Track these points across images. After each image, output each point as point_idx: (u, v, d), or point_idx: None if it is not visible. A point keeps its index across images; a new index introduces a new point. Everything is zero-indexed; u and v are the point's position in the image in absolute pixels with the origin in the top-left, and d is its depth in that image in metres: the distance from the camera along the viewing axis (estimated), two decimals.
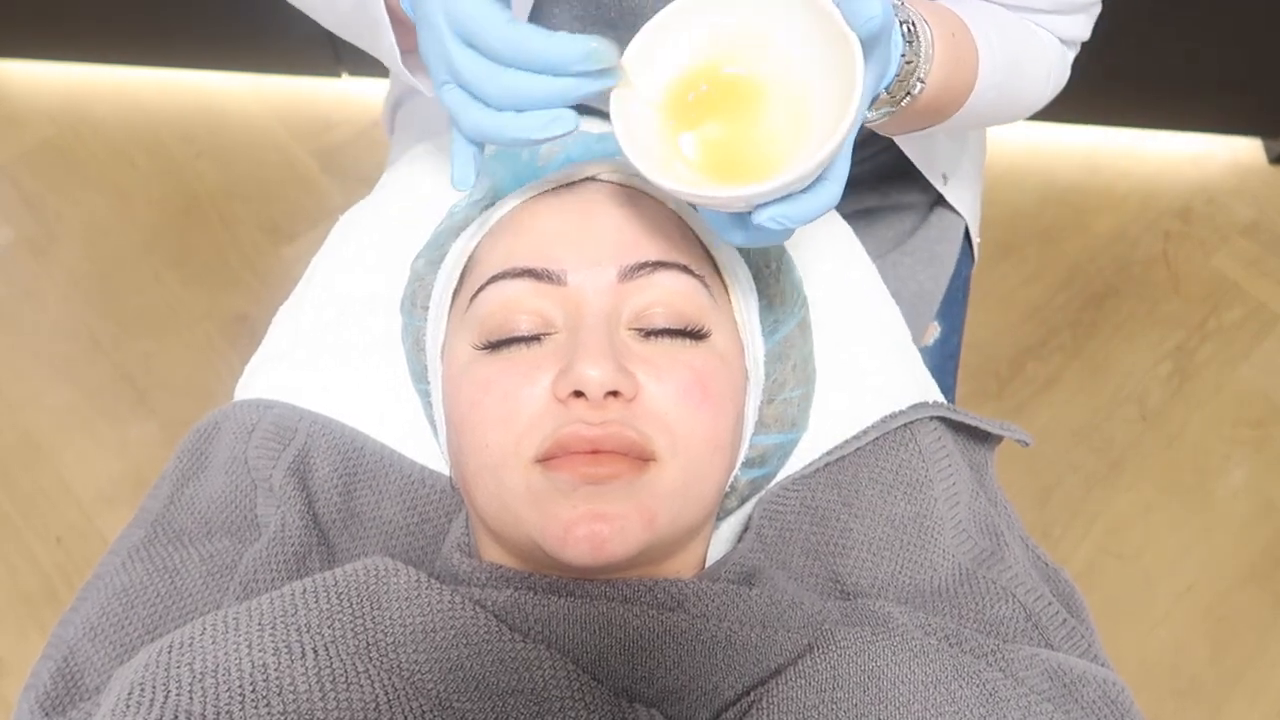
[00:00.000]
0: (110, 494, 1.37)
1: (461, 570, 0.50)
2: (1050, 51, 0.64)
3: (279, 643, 0.41)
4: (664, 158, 0.42)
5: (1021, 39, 0.62)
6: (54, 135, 1.66)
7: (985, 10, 0.61)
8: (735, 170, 0.42)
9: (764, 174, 0.40)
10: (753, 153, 0.42)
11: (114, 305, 1.51)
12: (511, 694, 0.42)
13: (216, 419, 0.61)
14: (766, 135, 0.42)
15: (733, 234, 0.45)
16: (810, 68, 0.42)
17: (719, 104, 0.43)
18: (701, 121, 0.43)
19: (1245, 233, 1.61)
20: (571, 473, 0.45)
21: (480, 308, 0.50)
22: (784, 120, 0.42)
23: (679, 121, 0.43)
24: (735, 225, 0.44)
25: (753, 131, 0.43)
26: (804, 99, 0.42)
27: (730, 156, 0.42)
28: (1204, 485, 1.42)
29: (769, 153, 0.42)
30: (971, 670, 0.45)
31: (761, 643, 0.46)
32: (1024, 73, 0.62)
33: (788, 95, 0.42)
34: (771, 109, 0.43)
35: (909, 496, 0.57)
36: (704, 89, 0.43)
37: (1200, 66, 1.46)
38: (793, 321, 0.59)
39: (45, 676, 0.51)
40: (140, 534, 0.57)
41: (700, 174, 0.42)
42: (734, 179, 0.42)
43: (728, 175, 0.42)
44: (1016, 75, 0.61)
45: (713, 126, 0.43)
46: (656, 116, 0.43)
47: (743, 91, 0.43)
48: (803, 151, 0.41)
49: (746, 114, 0.43)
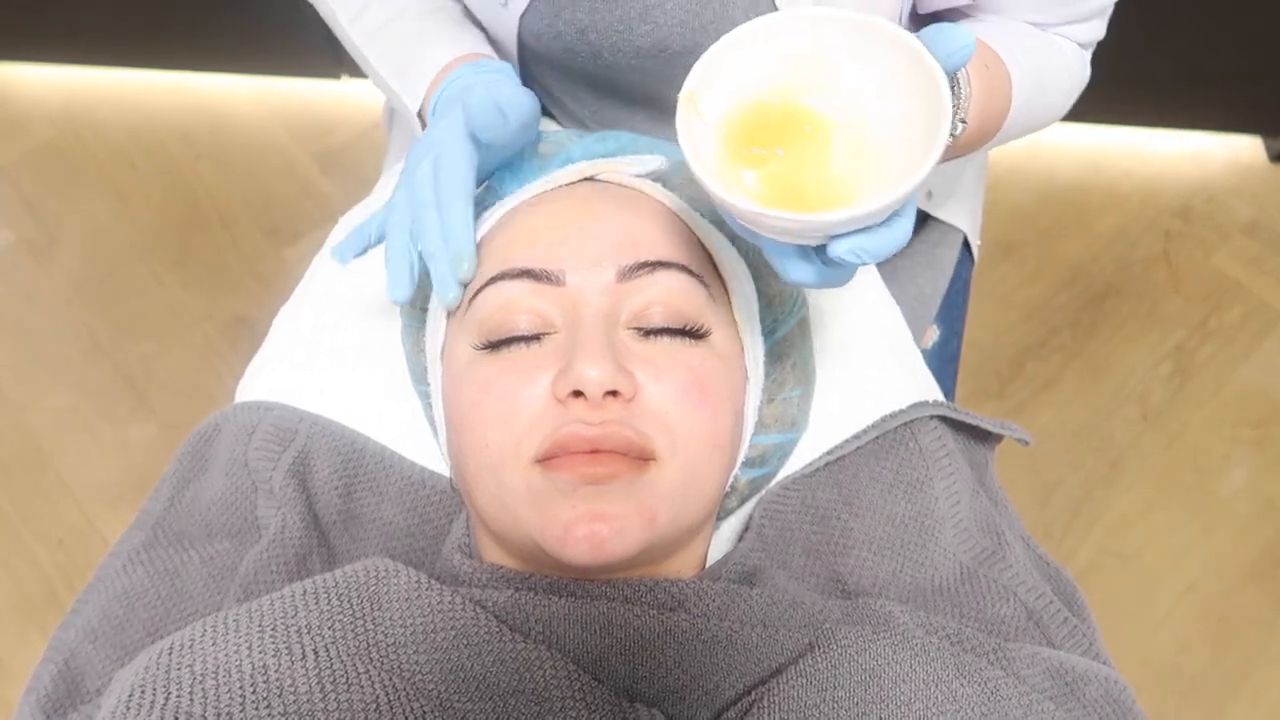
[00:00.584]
0: (111, 496, 1.37)
1: (462, 571, 0.50)
2: (1071, 59, 0.65)
3: (279, 644, 0.41)
4: (725, 184, 0.40)
5: (1044, 51, 0.62)
6: (54, 137, 1.66)
7: (1008, 27, 0.62)
8: (797, 201, 0.41)
9: (828, 206, 0.39)
10: (814, 184, 0.41)
11: (114, 307, 1.51)
12: (512, 694, 0.42)
13: (216, 421, 0.61)
14: (828, 166, 0.42)
15: (798, 269, 0.43)
16: (874, 98, 0.41)
17: (780, 133, 0.42)
18: (762, 150, 0.42)
19: (1246, 231, 1.61)
20: (571, 473, 0.45)
21: (479, 308, 0.50)
22: (846, 152, 0.42)
23: (740, 149, 0.42)
24: (801, 259, 0.43)
25: (814, 162, 0.42)
26: (865, 130, 0.42)
27: (791, 187, 0.41)
28: (1205, 485, 1.41)
29: (832, 184, 0.41)
30: (973, 669, 0.45)
31: (762, 642, 0.46)
32: (1050, 86, 0.63)
33: (850, 126, 0.42)
34: (833, 140, 0.42)
35: (909, 496, 0.57)
36: (765, 118, 0.43)
37: (1200, 65, 1.46)
38: (792, 321, 0.58)
39: (46, 679, 0.51)
40: (141, 536, 0.57)
41: (764, 203, 0.41)
42: (801, 208, 0.40)
43: (789, 206, 0.40)
44: (1043, 90, 0.62)
45: (775, 157, 0.42)
46: (718, 142, 0.42)
47: (804, 122, 0.42)
48: (877, 182, 0.40)
49: (808, 144, 0.42)
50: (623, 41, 0.61)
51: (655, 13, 0.59)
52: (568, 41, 0.61)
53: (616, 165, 0.55)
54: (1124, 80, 1.44)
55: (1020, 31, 0.62)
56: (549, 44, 0.62)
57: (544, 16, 0.60)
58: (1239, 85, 1.52)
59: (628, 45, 0.61)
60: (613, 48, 0.61)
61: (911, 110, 0.40)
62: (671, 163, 0.59)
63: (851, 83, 0.42)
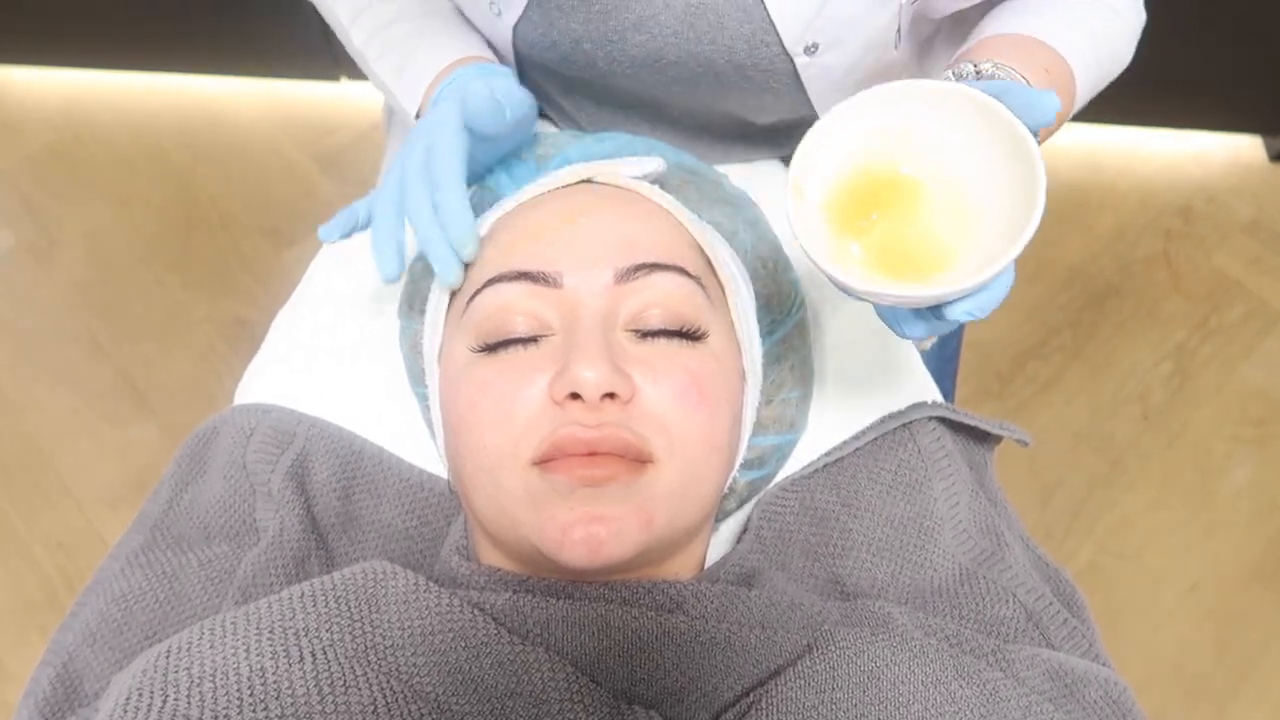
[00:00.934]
0: (111, 497, 1.37)
1: (460, 573, 0.50)
2: (1122, 9, 0.62)
3: (277, 647, 0.41)
4: (837, 257, 0.43)
5: (1095, 18, 0.60)
6: (55, 141, 1.67)
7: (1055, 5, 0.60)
8: (904, 266, 0.44)
9: (934, 268, 0.43)
10: (918, 247, 0.44)
11: (115, 310, 1.52)
12: (510, 696, 0.42)
13: (215, 424, 0.61)
14: (928, 228, 0.44)
15: (914, 327, 0.47)
16: (965, 160, 0.44)
17: (878, 202, 0.45)
18: (866, 220, 0.45)
19: (1246, 230, 1.61)
20: (568, 475, 0.45)
21: (477, 310, 0.50)
22: (942, 212, 0.44)
23: (844, 223, 0.45)
24: (917, 319, 0.46)
25: (915, 227, 0.44)
26: (958, 190, 0.44)
27: (897, 252, 0.44)
28: (1206, 484, 1.41)
29: (934, 245, 0.44)
30: (972, 670, 0.45)
31: (761, 644, 0.46)
32: (1108, 56, 0.62)
33: (942, 188, 0.44)
34: (930, 204, 0.44)
35: (908, 497, 0.57)
36: (863, 190, 0.45)
37: (1200, 65, 1.46)
38: (790, 322, 0.58)
39: (45, 682, 0.51)
40: (139, 539, 0.57)
41: (870, 270, 0.44)
42: (904, 274, 0.44)
43: (897, 271, 0.44)
44: (1102, 63, 0.61)
45: (877, 225, 0.45)
46: (823, 222, 0.44)
47: (901, 189, 0.45)
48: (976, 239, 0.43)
49: (907, 210, 0.44)
50: (617, 51, 0.61)
51: (650, 23, 0.59)
52: (563, 50, 0.61)
53: (614, 167, 0.55)
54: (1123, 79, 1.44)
55: (1071, 7, 0.60)
56: (543, 53, 0.62)
57: (538, 26, 0.60)
58: (1239, 84, 1.52)
59: (622, 55, 0.61)
60: (607, 57, 0.61)
61: (997, 165, 0.43)
62: (669, 164, 0.59)
63: (938, 146, 0.44)
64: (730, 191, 0.62)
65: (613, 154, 0.59)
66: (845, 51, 0.59)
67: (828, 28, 0.57)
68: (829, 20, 0.56)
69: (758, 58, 0.59)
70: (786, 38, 0.57)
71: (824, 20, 0.56)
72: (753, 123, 0.68)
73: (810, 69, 0.59)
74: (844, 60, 0.59)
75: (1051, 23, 0.58)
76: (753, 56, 0.59)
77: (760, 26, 0.57)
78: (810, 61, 0.58)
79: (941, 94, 0.43)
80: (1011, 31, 0.58)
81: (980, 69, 0.52)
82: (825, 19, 0.56)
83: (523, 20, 0.60)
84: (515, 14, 0.60)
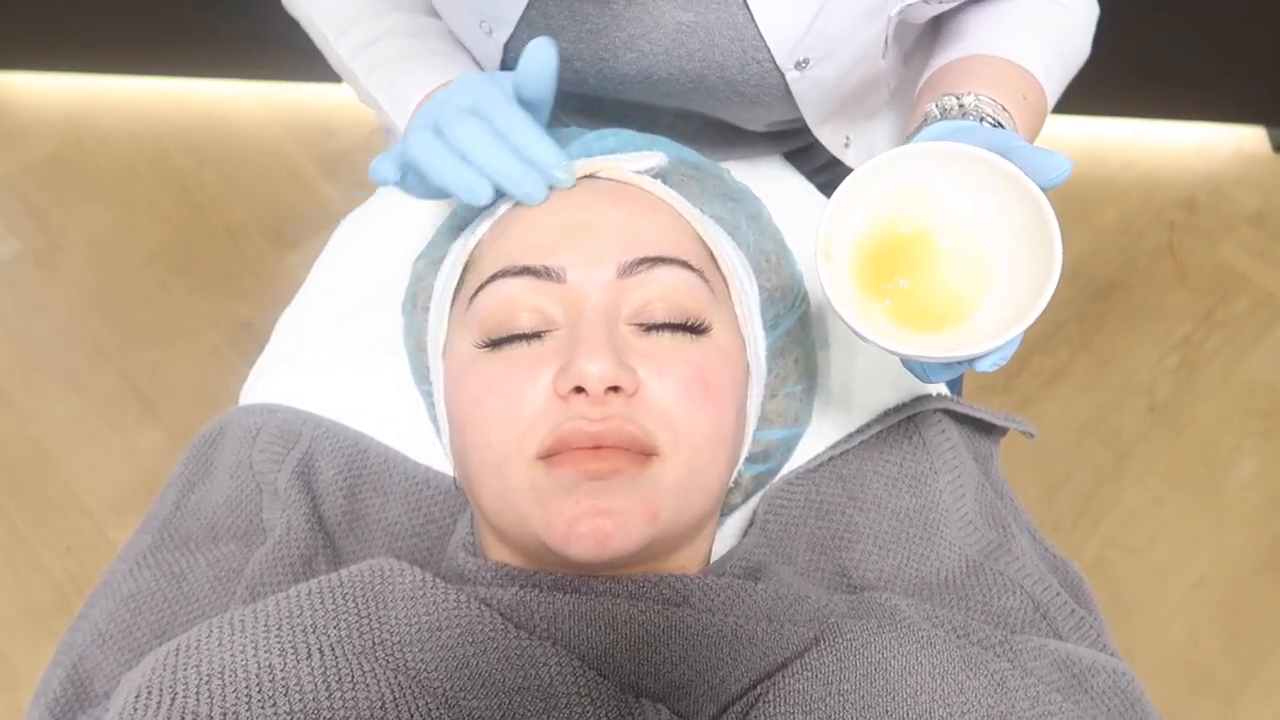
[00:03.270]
0: (119, 502, 1.38)
1: (467, 569, 0.50)
2: (1076, 10, 0.64)
3: (285, 643, 0.41)
4: (867, 318, 0.46)
5: (1056, 24, 0.62)
6: (58, 147, 1.67)
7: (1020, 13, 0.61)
8: (928, 319, 0.47)
9: (956, 319, 0.46)
10: (940, 300, 0.47)
11: (120, 315, 1.52)
12: (518, 691, 0.42)
13: (221, 424, 0.61)
14: (948, 282, 0.47)
15: (940, 374, 0.50)
16: (978, 212, 0.46)
17: (902, 259, 0.47)
18: (890, 279, 0.47)
19: (1251, 222, 1.61)
20: (574, 469, 0.45)
21: (480, 306, 0.50)
22: (961, 266, 0.47)
23: (869, 282, 0.47)
24: (944, 369, 0.50)
25: (935, 280, 0.47)
26: (976, 242, 0.47)
27: (920, 306, 0.47)
28: (1214, 477, 1.41)
29: (954, 299, 0.47)
30: (979, 661, 0.45)
31: (768, 636, 0.46)
32: (1071, 59, 0.63)
33: (960, 242, 0.47)
34: (948, 257, 0.47)
35: (914, 489, 0.57)
36: (884, 249, 0.48)
37: (1203, 56, 1.46)
38: (794, 316, 0.58)
39: (55, 683, 0.52)
40: (147, 540, 0.57)
41: (898, 325, 0.47)
42: (928, 327, 0.47)
43: (922, 324, 0.47)
44: (1067, 69, 0.63)
45: (899, 280, 0.47)
46: (850, 281, 0.47)
47: (920, 245, 0.47)
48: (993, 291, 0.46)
49: (926, 265, 0.47)
50: (608, 69, 0.61)
51: (640, 42, 0.59)
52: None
53: (616, 162, 0.55)
54: (1127, 71, 1.44)
55: (1033, 14, 0.62)
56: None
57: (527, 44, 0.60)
58: (1243, 76, 1.51)
59: (613, 73, 0.61)
60: (598, 74, 0.61)
61: (1009, 216, 0.45)
62: (670, 159, 0.59)
63: (951, 201, 0.47)
64: (732, 186, 0.62)
65: (614, 149, 0.59)
66: (835, 64, 0.59)
67: (818, 43, 0.57)
68: (819, 36, 0.57)
69: (749, 74, 0.59)
70: (778, 54, 0.58)
71: (814, 36, 0.57)
72: (746, 129, 0.69)
73: (801, 83, 0.60)
74: (834, 73, 0.60)
75: (1017, 36, 0.60)
76: (744, 73, 0.59)
77: (751, 44, 0.57)
78: (801, 76, 0.59)
79: (953, 155, 0.46)
80: (982, 52, 0.59)
81: (963, 102, 0.54)
82: (815, 35, 0.57)
83: (513, 38, 0.60)
84: (506, 32, 0.60)
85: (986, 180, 0.45)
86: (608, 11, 0.58)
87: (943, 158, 0.46)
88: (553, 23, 0.58)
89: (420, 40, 0.65)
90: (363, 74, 0.65)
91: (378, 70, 0.64)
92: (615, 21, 0.58)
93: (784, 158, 0.76)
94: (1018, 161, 0.45)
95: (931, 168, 0.46)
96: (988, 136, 0.47)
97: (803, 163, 0.77)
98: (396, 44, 0.64)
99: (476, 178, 0.49)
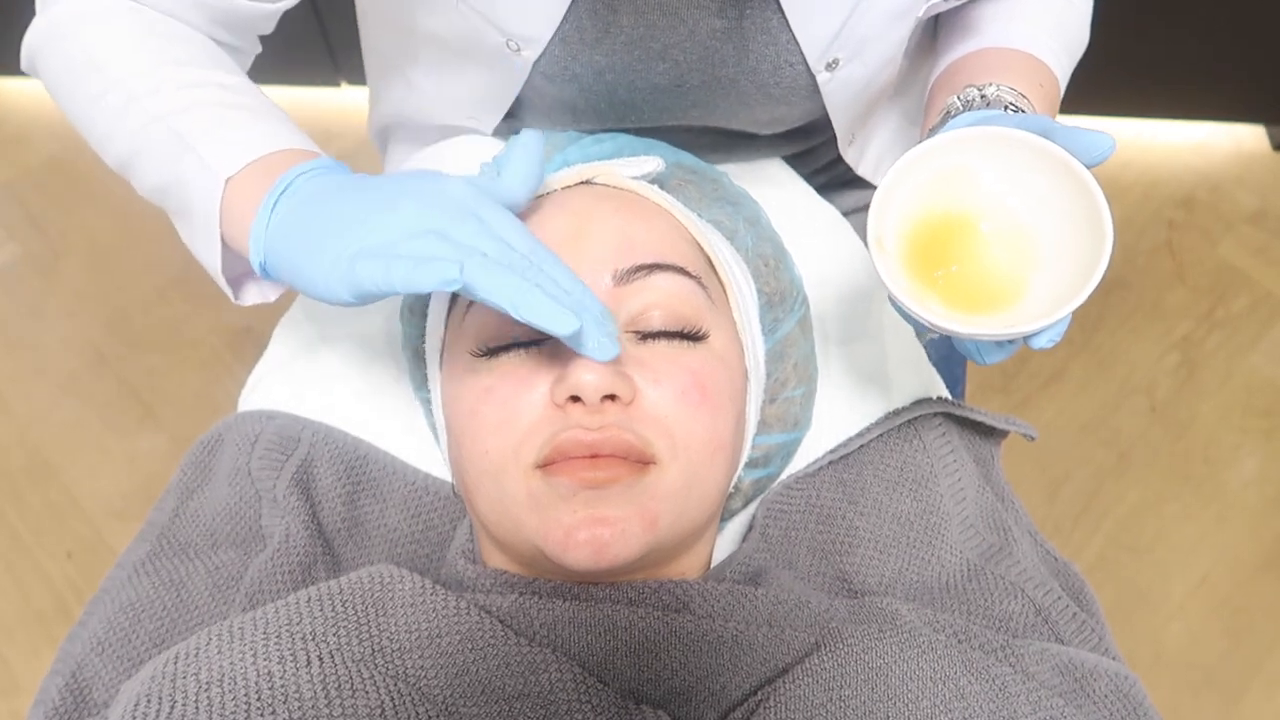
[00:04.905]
0: (119, 508, 1.38)
1: (466, 576, 0.50)
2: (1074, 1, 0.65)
3: (284, 651, 0.41)
4: (921, 302, 0.47)
5: (1062, 15, 0.63)
6: (58, 152, 1.67)
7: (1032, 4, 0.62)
8: (980, 300, 0.47)
9: (1008, 298, 0.47)
10: (991, 281, 0.48)
11: (119, 321, 1.52)
12: (518, 698, 0.42)
13: (219, 431, 0.61)
14: (997, 263, 0.48)
15: (996, 355, 0.50)
16: (1021, 193, 0.47)
17: (950, 244, 0.48)
18: (941, 264, 0.48)
19: (1250, 220, 1.61)
20: (571, 477, 0.45)
21: (477, 314, 0.50)
22: (1008, 246, 0.48)
23: (921, 267, 0.48)
24: (998, 348, 0.50)
25: (984, 262, 0.48)
26: (1021, 223, 0.47)
27: (972, 288, 0.48)
28: (1215, 476, 1.41)
29: (1006, 278, 0.47)
30: (981, 666, 0.45)
31: (768, 642, 0.46)
32: (1076, 48, 0.64)
33: (1005, 223, 0.48)
34: (994, 238, 0.48)
35: (915, 493, 0.57)
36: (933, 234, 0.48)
37: (1201, 54, 1.46)
38: (792, 320, 0.58)
39: (54, 692, 0.51)
40: (146, 548, 0.57)
41: (950, 309, 0.48)
42: (980, 308, 0.47)
43: (974, 306, 0.47)
44: (1073, 57, 0.63)
45: (950, 265, 0.48)
46: (902, 268, 0.48)
47: (966, 228, 0.48)
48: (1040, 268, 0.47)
49: (974, 247, 0.48)
50: (640, 80, 0.61)
51: (674, 51, 0.59)
52: (583, 82, 0.61)
53: (613, 167, 0.55)
54: (1125, 70, 1.44)
55: (1039, 6, 0.62)
56: (562, 85, 0.61)
57: (559, 60, 0.59)
58: (1241, 74, 1.51)
59: (645, 83, 0.61)
60: (629, 86, 0.61)
61: (1051, 195, 0.46)
62: (668, 164, 0.59)
63: (993, 183, 0.47)
64: (730, 190, 0.62)
65: (611, 154, 0.59)
66: (864, 65, 0.60)
67: (849, 44, 0.58)
68: (850, 36, 0.57)
69: (781, 76, 0.59)
70: (810, 56, 0.58)
71: (846, 37, 0.57)
72: (758, 133, 0.69)
73: (830, 83, 0.60)
74: (863, 73, 0.61)
75: (1026, 28, 0.60)
76: (776, 76, 0.59)
77: (785, 48, 0.58)
78: (831, 76, 0.60)
79: (994, 139, 0.46)
80: (995, 45, 0.60)
81: (985, 93, 0.54)
82: (847, 35, 0.57)
83: (545, 55, 0.59)
84: (537, 50, 0.58)
85: (1027, 162, 0.46)
86: (642, 22, 0.57)
87: (984, 141, 0.47)
88: (586, 36, 0.58)
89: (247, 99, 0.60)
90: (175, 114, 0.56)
91: (196, 112, 0.57)
92: (650, 32, 0.58)
93: (784, 161, 0.76)
94: (1060, 141, 0.45)
95: (971, 153, 0.47)
96: (1023, 120, 0.48)
97: (802, 165, 0.77)
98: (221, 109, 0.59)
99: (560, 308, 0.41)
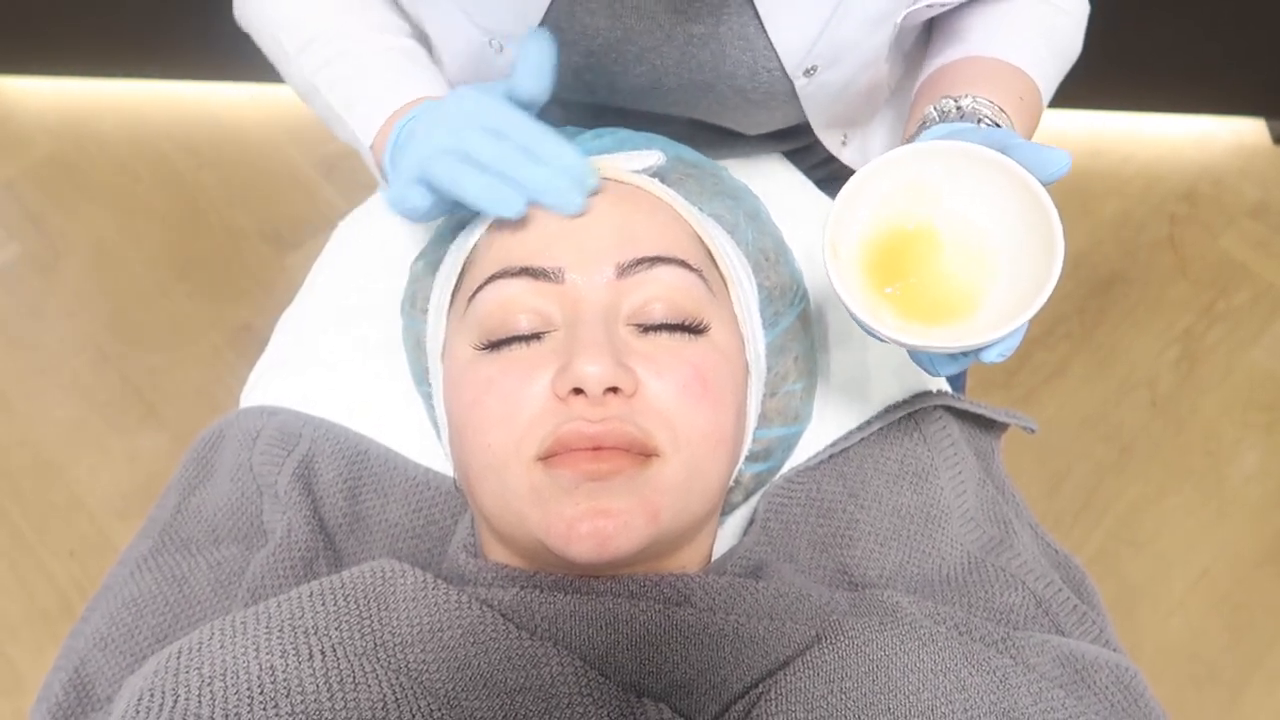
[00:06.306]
0: (122, 506, 1.38)
1: (468, 570, 0.50)
2: (1069, 9, 0.64)
3: (287, 645, 0.41)
4: (874, 311, 0.47)
5: (1052, 24, 0.62)
6: (57, 150, 1.67)
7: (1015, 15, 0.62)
8: (934, 311, 0.48)
9: (962, 311, 0.47)
10: (946, 293, 0.48)
11: (120, 319, 1.52)
12: (520, 691, 0.42)
13: (221, 427, 0.61)
14: (953, 275, 0.48)
15: (947, 367, 0.50)
16: (979, 207, 0.47)
17: (907, 254, 0.48)
18: (896, 273, 0.48)
19: (1252, 214, 1.60)
20: (573, 470, 0.45)
21: (479, 307, 0.50)
22: (964, 259, 0.48)
23: (875, 275, 0.48)
24: (950, 361, 0.50)
25: (940, 274, 0.48)
26: (978, 236, 0.48)
27: (927, 299, 0.48)
28: (1216, 470, 1.41)
29: (959, 290, 0.48)
30: (981, 658, 0.45)
31: (769, 635, 0.46)
32: (1064, 57, 0.64)
33: (962, 236, 0.48)
34: (951, 251, 0.48)
35: (915, 486, 0.57)
36: (889, 244, 0.48)
37: (1202, 48, 1.45)
38: (793, 314, 0.58)
39: (57, 688, 0.52)
40: (148, 544, 0.57)
41: (905, 320, 0.48)
42: (935, 319, 0.47)
43: (928, 316, 0.48)
44: (1060, 67, 0.63)
45: (906, 275, 0.48)
46: (857, 275, 0.48)
47: (923, 240, 0.48)
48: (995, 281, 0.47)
49: (931, 259, 0.48)
50: (619, 81, 0.61)
51: (651, 55, 0.59)
52: (563, 80, 0.61)
53: (614, 161, 0.55)
54: (1126, 64, 1.43)
55: (1027, 15, 0.62)
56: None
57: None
58: (1242, 68, 1.51)
59: (623, 84, 0.61)
60: (608, 86, 0.61)
61: (1009, 209, 0.46)
62: (668, 158, 0.59)
63: (952, 196, 0.48)
64: (730, 184, 0.62)
65: (612, 149, 0.59)
66: (842, 70, 0.60)
67: (827, 51, 0.58)
68: (828, 44, 0.57)
69: (758, 82, 0.60)
70: (788, 63, 0.58)
71: (824, 44, 0.57)
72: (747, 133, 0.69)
73: (808, 88, 0.60)
74: (840, 78, 0.61)
75: (1012, 37, 0.60)
76: (753, 81, 0.60)
77: (762, 55, 0.58)
78: (809, 82, 0.60)
79: (954, 153, 0.46)
80: (979, 54, 0.60)
81: (961, 105, 0.54)
82: (825, 43, 0.57)
83: None
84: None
85: (987, 176, 0.46)
86: (619, 25, 0.58)
87: (944, 155, 0.47)
88: (565, 38, 0.58)
89: (386, 58, 0.62)
90: (325, 88, 0.62)
91: (340, 85, 0.61)
92: (627, 35, 0.58)
93: (784, 156, 0.76)
94: (1017, 158, 0.45)
95: (934, 165, 0.47)
96: (986, 135, 0.48)
97: (801, 160, 0.77)
98: (361, 61, 0.62)
99: (511, 192, 0.49)
